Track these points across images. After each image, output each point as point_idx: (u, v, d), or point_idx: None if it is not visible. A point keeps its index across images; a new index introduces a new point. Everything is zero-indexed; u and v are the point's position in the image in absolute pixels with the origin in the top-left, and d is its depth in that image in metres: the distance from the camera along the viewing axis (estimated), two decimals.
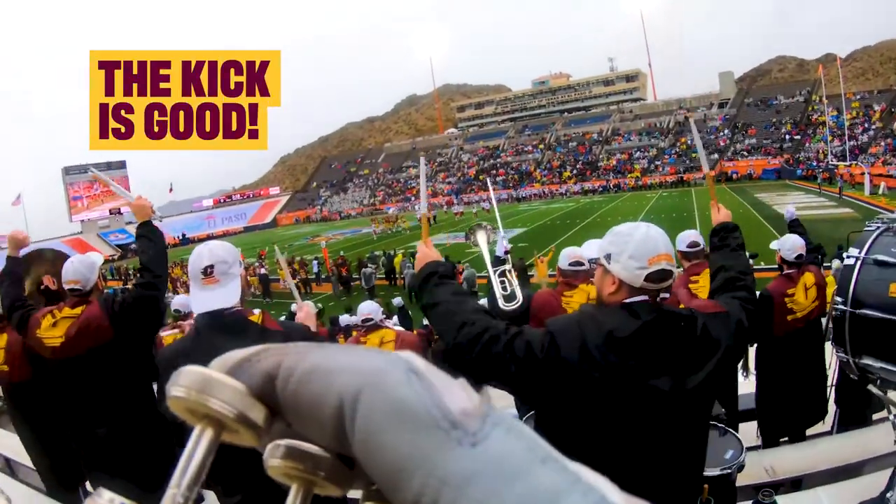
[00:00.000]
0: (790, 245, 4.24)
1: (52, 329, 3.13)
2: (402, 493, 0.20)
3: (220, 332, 2.14)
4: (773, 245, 4.41)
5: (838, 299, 2.70)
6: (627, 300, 1.67)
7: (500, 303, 3.09)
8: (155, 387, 3.12)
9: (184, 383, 0.23)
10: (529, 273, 17.59)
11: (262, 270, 24.84)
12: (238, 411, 0.22)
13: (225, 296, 2.19)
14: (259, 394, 0.24)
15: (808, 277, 4.12)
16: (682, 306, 1.74)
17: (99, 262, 3.35)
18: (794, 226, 5.63)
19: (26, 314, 3.26)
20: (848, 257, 2.80)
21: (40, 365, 3.37)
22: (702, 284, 4.01)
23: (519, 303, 3.20)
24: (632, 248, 1.67)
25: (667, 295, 1.75)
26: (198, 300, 2.21)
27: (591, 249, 3.89)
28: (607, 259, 1.72)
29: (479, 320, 1.68)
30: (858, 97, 64.11)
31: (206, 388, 0.22)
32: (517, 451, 0.20)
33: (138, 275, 3.23)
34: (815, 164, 51.17)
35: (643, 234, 1.70)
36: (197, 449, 0.22)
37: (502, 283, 3.12)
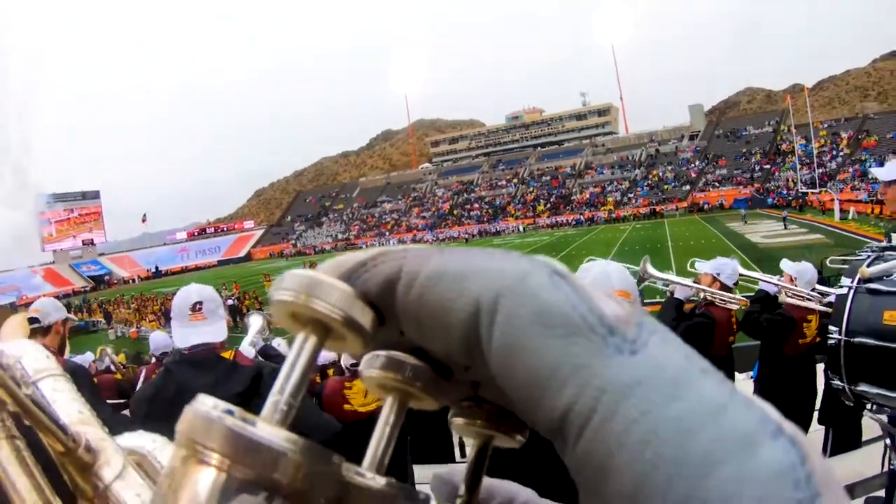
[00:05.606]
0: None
1: None
2: (550, 402, 0.19)
3: (189, 367, 2.20)
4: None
5: (833, 329, 2.74)
6: None
7: None
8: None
9: (291, 286, 0.22)
10: None
11: (230, 302, 25.01)
12: (346, 314, 0.22)
13: (213, 333, 2.23)
14: (376, 299, 0.23)
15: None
16: None
17: (68, 319, 3.17)
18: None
19: None
20: (840, 286, 2.87)
21: None
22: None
23: None
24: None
25: None
26: (183, 336, 2.22)
27: None
28: None
29: None
30: (826, 125, 65.51)
31: (314, 290, 0.22)
32: (677, 360, 0.19)
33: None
34: (785, 192, 51.49)
35: (598, 271, 1.77)
36: (300, 356, 0.22)
37: None
